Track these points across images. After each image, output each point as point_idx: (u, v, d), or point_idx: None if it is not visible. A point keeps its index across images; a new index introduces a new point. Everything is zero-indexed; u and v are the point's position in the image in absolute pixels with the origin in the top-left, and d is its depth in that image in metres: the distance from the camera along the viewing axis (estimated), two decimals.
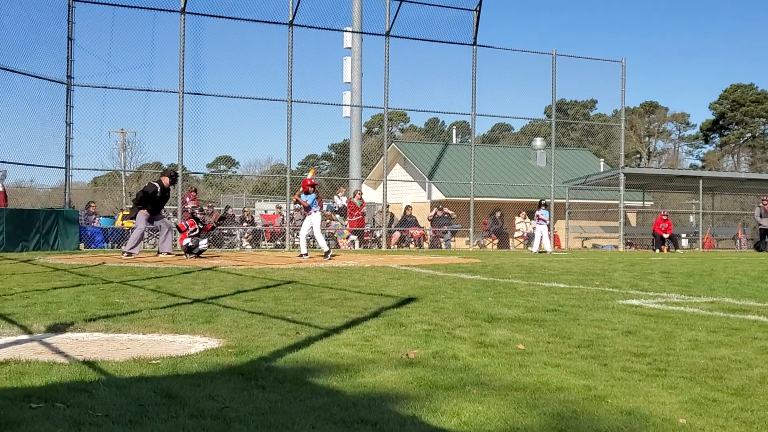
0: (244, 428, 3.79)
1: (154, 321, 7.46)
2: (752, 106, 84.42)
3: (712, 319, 8.04)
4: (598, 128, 68.49)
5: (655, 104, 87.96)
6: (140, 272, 13.35)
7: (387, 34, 28.15)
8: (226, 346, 6.09)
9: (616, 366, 5.49)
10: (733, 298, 10.20)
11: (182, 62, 24.97)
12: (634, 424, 4.02)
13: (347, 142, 33.87)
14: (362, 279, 12.52)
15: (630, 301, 9.71)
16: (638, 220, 42.11)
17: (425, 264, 17.11)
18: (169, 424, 3.85)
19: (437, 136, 75.61)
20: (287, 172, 27.60)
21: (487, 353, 5.92)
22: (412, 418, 4.05)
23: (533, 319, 7.89)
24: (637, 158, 79.69)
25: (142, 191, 19.12)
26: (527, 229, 33.00)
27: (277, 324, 7.28)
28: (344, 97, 31.38)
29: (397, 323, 7.41)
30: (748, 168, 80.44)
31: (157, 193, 18.59)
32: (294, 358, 5.59)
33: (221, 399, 4.37)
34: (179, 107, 24.98)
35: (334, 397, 4.48)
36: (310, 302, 9.11)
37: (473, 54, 29.48)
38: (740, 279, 13.60)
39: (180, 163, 25.42)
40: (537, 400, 4.48)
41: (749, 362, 5.68)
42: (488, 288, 11.25)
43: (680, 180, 37.54)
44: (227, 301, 9.20)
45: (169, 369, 5.18)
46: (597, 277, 13.56)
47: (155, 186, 18.68)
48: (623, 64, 32.41)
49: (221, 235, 26.58)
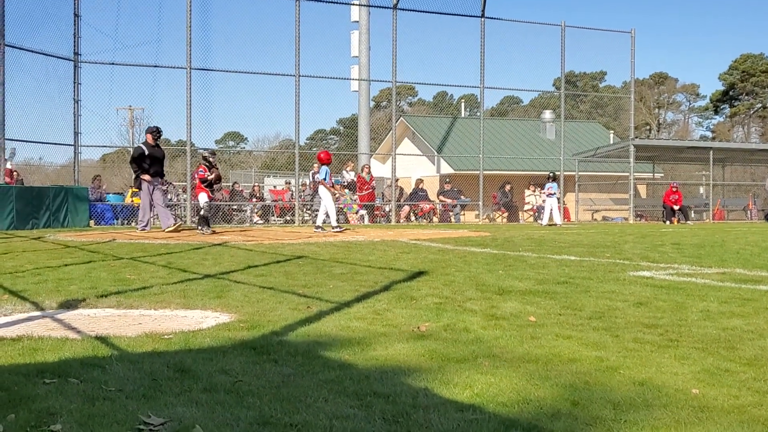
0: (257, 401, 3.81)
1: (165, 296, 7.48)
2: (762, 76, 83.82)
3: (724, 289, 8.03)
4: (608, 100, 68.10)
5: (664, 75, 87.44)
6: (150, 248, 13.38)
7: (394, 6, 27.99)
8: (237, 320, 6.11)
9: (628, 337, 5.49)
10: (745, 269, 10.18)
11: (189, 38, 24.89)
12: (647, 394, 4.02)
13: (355, 116, 33.77)
14: (372, 253, 12.53)
15: (641, 272, 9.69)
16: (648, 192, 41.98)
17: (435, 238, 17.11)
18: (183, 398, 3.87)
19: (446, 109, 75.37)
20: (296, 147, 27.58)
21: (498, 326, 5.93)
22: (425, 390, 4.06)
23: (544, 291, 7.89)
24: (646, 130, 79.34)
25: (131, 158, 19.07)
26: (537, 202, 32.96)
27: (288, 298, 7.29)
28: (352, 72, 31.26)
29: (408, 297, 7.42)
30: (759, 138, 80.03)
31: (145, 153, 18.52)
32: (305, 332, 5.60)
33: (234, 373, 4.38)
34: (187, 83, 24.93)
35: (347, 370, 4.48)
36: (321, 277, 9.12)
37: (481, 26, 29.31)
38: (751, 250, 13.57)
39: (188, 140, 25.40)
40: (549, 371, 4.48)
41: (761, 332, 5.67)
42: (498, 261, 11.25)
43: (690, 151, 37.38)
44: (238, 276, 9.22)
45: (181, 344, 5.19)
46: (607, 249, 13.54)
47: (141, 148, 18.63)
48: (633, 35, 32.19)
49: (231, 210, 26.60)
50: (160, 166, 19.09)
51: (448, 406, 3.76)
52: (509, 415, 3.66)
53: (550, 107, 46.00)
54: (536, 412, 3.72)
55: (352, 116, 39.78)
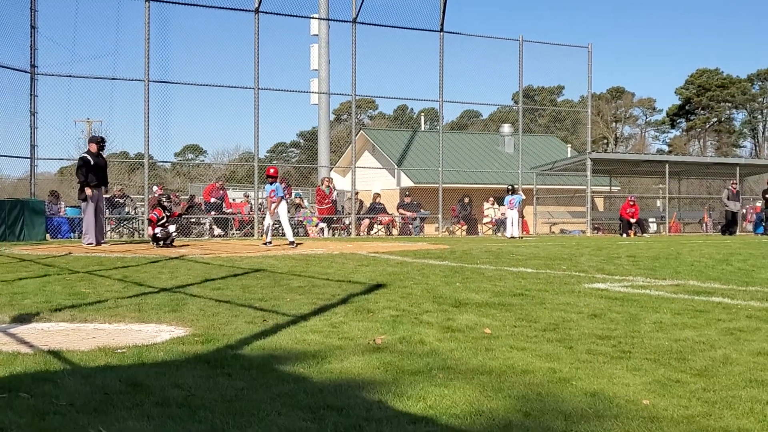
0: (210, 415, 3.79)
1: (120, 310, 7.42)
2: (718, 90, 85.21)
3: (677, 301, 8.13)
4: (565, 114, 68.83)
5: (621, 90, 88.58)
6: (107, 262, 13.25)
7: (354, 20, 28.08)
8: (192, 334, 6.07)
9: (582, 348, 5.54)
10: (698, 281, 10.31)
11: (147, 50, 24.75)
12: (599, 405, 4.06)
13: (315, 129, 33.78)
14: (331, 266, 12.52)
15: (596, 284, 9.78)
16: (605, 205, 42.44)
17: (394, 250, 17.13)
18: (134, 412, 3.84)
19: (406, 123, 75.67)
20: (255, 160, 27.49)
21: (453, 338, 5.95)
22: (378, 403, 4.07)
23: (500, 303, 7.93)
24: (604, 144, 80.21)
25: (77, 168, 18.81)
26: (495, 215, 33.14)
27: (244, 312, 7.26)
28: (312, 85, 31.30)
29: (365, 309, 7.42)
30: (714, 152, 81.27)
31: (91, 163, 18.29)
32: (261, 346, 5.58)
33: (187, 387, 4.35)
34: (145, 96, 24.77)
35: (301, 383, 4.48)
36: (278, 290, 9.09)
37: (440, 40, 29.49)
38: (705, 262, 13.75)
39: (146, 152, 25.23)
40: (502, 383, 4.51)
41: (713, 343, 5.75)
42: (456, 273, 11.29)
43: (647, 165, 37.83)
44: (194, 289, 9.16)
45: (135, 358, 5.15)
46: (564, 262, 13.65)
47: (86, 157, 18.39)
48: (590, 50, 32.56)
49: (189, 224, 26.44)
50: (104, 175, 18.86)
51: (401, 419, 3.77)
52: (462, 427, 3.67)
53: (509, 121, 46.40)
54: (488, 423, 3.74)
55: (312, 129, 39.85)
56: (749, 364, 5.06)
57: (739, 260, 14.05)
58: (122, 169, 39.24)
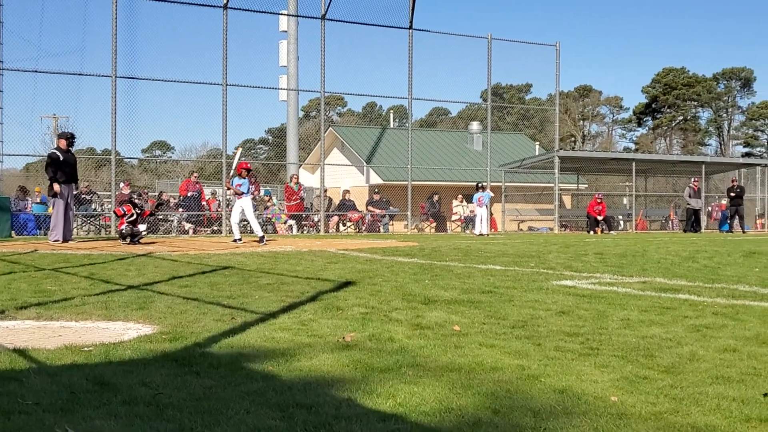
0: (178, 414, 3.76)
1: (86, 308, 7.35)
2: (684, 89, 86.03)
3: (644, 298, 8.19)
4: (534, 112, 69.16)
5: (589, 88, 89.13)
6: (73, 259, 13.12)
7: (323, 17, 28.01)
8: (159, 332, 6.03)
9: (550, 345, 5.56)
10: (665, 278, 10.40)
11: (115, 46, 24.53)
12: (567, 402, 4.07)
13: (284, 126, 33.67)
14: (300, 263, 12.49)
15: (564, 282, 9.84)
16: (573, 203, 42.68)
17: (363, 248, 17.12)
18: (101, 411, 3.80)
19: (375, 120, 75.65)
20: (223, 156, 27.35)
21: (423, 335, 5.95)
22: (348, 400, 4.06)
23: (469, 300, 7.95)
24: (571, 141, 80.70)
25: (46, 165, 18.61)
26: (464, 213, 33.23)
27: (212, 310, 7.22)
28: (280, 81, 31.19)
29: (334, 307, 7.41)
30: (680, 150, 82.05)
31: (60, 159, 18.10)
32: (229, 344, 5.55)
33: (154, 385, 4.32)
34: (112, 92, 24.56)
35: (270, 381, 4.46)
36: (247, 287, 9.05)
37: (409, 38, 29.49)
38: (671, 259, 13.87)
39: (113, 149, 25.02)
40: (471, 380, 4.52)
41: (679, 340, 5.80)
42: (425, 271, 11.31)
43: (614, 163, 38.11)
44: (162, 287, 9.10)
45: (102, 356, 5.10)
46: (532, 259, 13.71)
47: (55, 153, 18.20)
48: (557, 48, 32.72)
49: (156, 221, 26.26)
50: (73, 171, 18.67)
51: (370, 416, 3.77)
52: (431, 424, 3.67)
53: (478, 119, 46.55)
54: (458, 420, 3.74)
55: (281, 126, 39.72)
56: (716, 360, 5.11)
57: (705, 257, 14.19)
58: (89, 165, 38.91)
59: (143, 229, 18.43)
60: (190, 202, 27.70)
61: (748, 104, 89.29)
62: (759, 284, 9.66)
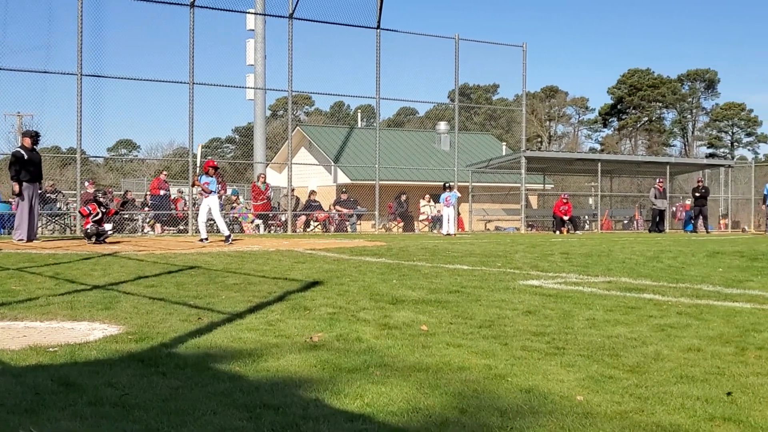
0: (144, 415, 3.74)
1: (52, 308, 7.28)
2: (649, 90, 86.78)
3: (609, 298, 8.26)
4: (500, 112, 69.45)
5: (555, 89, 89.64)
6: (38, 258, 12.99)
7: (290, 16, 27.93)
8: (125, 332, 5.99)
9: (516, 345, 5.59)
10: (630, 278, 10.49)
11: (80, 43, 24.28)
12: (534, 401, 4.10)
13: (251, 125, 33.56)
14: (267, 263, 12.45)
15: (530, 281, 9.89)
16: (539, 203, 42.91)
17: (331, 247, 17.10)
18: (67, 412, 3.77)
19: (342, 119, 75.61)
20: (189, 155, 27.19)
21: (390, 335, 5.97)
22: (315, 401, 4.06)
23: (436, 300, 7.97)
24: (538, 142, 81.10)
25: (10, 164, 18.37)
26: (432, 212, 33.30)
27: (178, 310, 7.19)
28: (248, 80, 31.06)
29: (302, 307, 7.40)
30: (645, 151, 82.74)
31: (25, 158, 17.89)
32: (196, 344, 5.53)
33: (120, 386, 4.29)
34: (77, 89, 24.30)
35: (237, 382, 4.44)
36: (213, 287, 9.02)
37: (377, 38, 29.48)
38: (636, 259, 13.99)
39: (78, 147, 24.77)
40: (439, 380, 4.53)
41: (644, 340, 5.86)
42: (393, 271, 11.32)
43: (580, 163, 38.35)
44: (128, 287, 9.04)
45: (67, 356, 5.06)
46: (499, 259, 13.77)
47: (20, 152, 17.99)
48: (524, 49, 32.85)
49: (122, 220, 26.06)
50: (38, 170, 18.46)
51: (338, 417, 3.77)
52: (398, 424, 3.68)
53: (445, 119, 46.61)
54: (425, 420, 3.75)
55: (248, 125, 39.58)
56: (680, 360, 5.17)
57: (669, 257, 14.32)
58: (54, 164, 38.49)
59: (109, 228, 18.28)
60: (161, 201, 27.51)
61: (712, 105, 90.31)
62: (722, 284, 9.77)
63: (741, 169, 41.84)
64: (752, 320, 6.79)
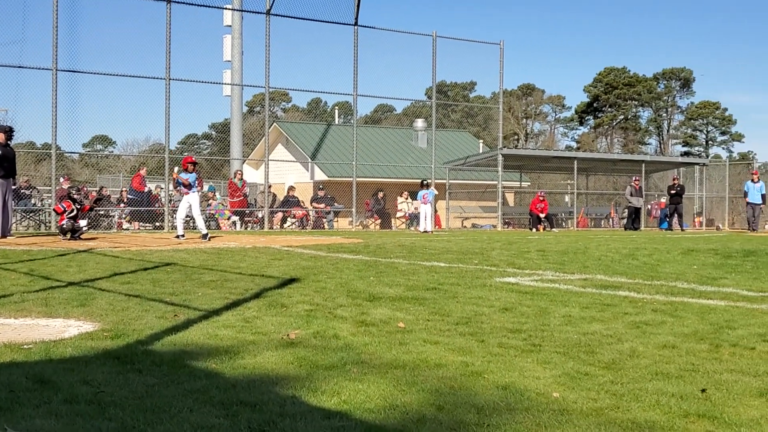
0: (120, 413, 3.72)
1: (26, 305, 7.23)
2: (625, 89, 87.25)
3: (585, 295, 8.30)
4: (478, 110, 69.56)
5: (532, 87, 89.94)
6: (12, 255, 12.88)
7: (268, 12, 27.84)
8: (101, 329, 5.95)
9: (493, 342, 5.61)
10: (606, 275, 10.55)
11: (56, 39, 24.09)
12: (510, 398, 4.12)
13: (228, 121, 33.42)
14: (243, 260, 12.41)
15: (507, 278, 9.92)
16: (516, 200, 43.05)
17: (308, 244, 17.08)
18: (42, 410, 3.75)
19: (320, 116, 75.52)
20: (166, 152, 27.05)
21: (368, 332, 5.97)
22: (292, 398, 4.05)
23: (414, 297, 7.98)
24: (514, 140, 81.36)
25: None
26: (409, 209, 33.32)
27: (154, 307, 7.15)
28: (224, 76, 30.92)
29: (279, 304, 7.39)
30: (621, 149, 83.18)
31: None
32: (172, 341, 5.51)
33: (96, 383, 4.27)
34: (53, 85, 24.12)
35: (213, 379, 4.43)
36: (190, 284, 8.98)
37: (354, 34, 29.45)
38: (612, 256, 14.06)
39: (54, 143, 24.59)
40: (416, 377, 4.54)
41: (620, 337, 5.89)
42: (370, 268, 11.32)
43: (556, 161, 38.49)
44: (103, 283, 8.98)
45: (42, 354, 5.03)
46: (475, 256, 13.80)
47: None
48: (501, 47, 32.92)
49: (97, 216, 25.89)
50: (12, 166, 18.27)
51: (315, 414, 3.77)
52: (376, 421, 3.69)
53: (422, 116, 46.71)
54: (402, 417, 3.76)
55: (225, 121, 39.41)
56: (655, 357, 5.20)
57: (644, 255, 14.41)
58: (29, 159, 38.19)
59: (84, 224, 18.16)
60: (144, 198, 27.35)
61: (687, 104, 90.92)
62: (697, 281, 9.85)
63: (715, 167, 42.20)
64: (726, 317, 6.85)
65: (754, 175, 32.06)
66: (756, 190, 31.10)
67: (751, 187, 31.22)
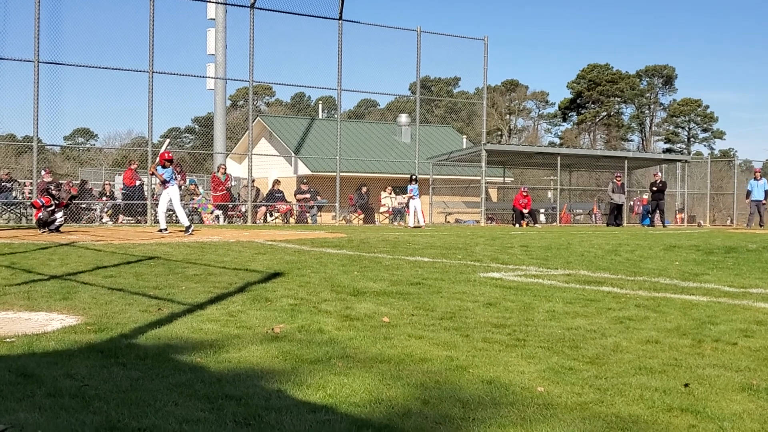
0: (104, 406, 3.70)
1: (8, 298, 7.19)
2: (608, 85, 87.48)
3: (569, 290, 8.33)
4: (461, 105, 69.68)
5: (516, 82, 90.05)
6: None
7: (252, 5, 27.74)
8: (84, 323, 5.93)
9: (478, 337, 5.62)
10: (589, 271, 10.58)
11: (37, 30, 23.93)
12: (495, 393, 4.13)
13: (211, 115, 33.30)
14: (227, 254, 12.38)
15: (491, 274, 9.94)
16: (499, 196, 43.11)
17: (291, 239, 17.05)
18: (25, 404, 3.73)
19: (303, 110, 75.36)
20: (148, 145, 26.94)
21: (352, 326, 5.97)
22: (278, 392, 4.05)
23: (398, 292, 7.99)
24: (498, 135, 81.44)
25: None
26: (393, 204, 33.33)
27: (138, 300, 7.13)
28: (208, 70, 30.80)
29: (263, 298, 7.38)
30: (604, 145, 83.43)
31: None
32: (156, 335, 5.49)
33: (80, 377, 4.25)
34: (34, 77, 23.95)
35: (198, 373, 4.42)
36: (173, 278, 8.95)
37: (339, 29, 29.40)
38: (595, 252, 14.11)
39: (35, 135, 24.44)
40: (401, 371, 4.55)
41: (603, 332, 5.92)
42: (354, 262, 11.31)
43: (539, 157, 38.56)
44: (86, 277, 8.94)
45: (25, 347, 5.00)
46: (459, 251, 13.82)
47: None
48: (486, 43, 32.95)
49: (79, 209, 25.76)
50: None
51: (300, 408, 3.77)
52: (361, 416, 3.69)
53: (406, 111, 46.67)
54: (388, 411, 3.76)
55: (208, 115, 39.29)
56: (638, 351, 5.23)
57: (627, 251, 14.46)
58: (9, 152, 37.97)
59: (59, 216, 18.06)
60: (135, 192, 27.22)
61: (670, 101, 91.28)
62: (679, 277, 9.90)
63: (697, 164, 42.36)
64: (708, 313, 6.89)
65: (756, 173, 32.25)
66: (759, 188, 31.22)
67: (755, 185, 31.33)
